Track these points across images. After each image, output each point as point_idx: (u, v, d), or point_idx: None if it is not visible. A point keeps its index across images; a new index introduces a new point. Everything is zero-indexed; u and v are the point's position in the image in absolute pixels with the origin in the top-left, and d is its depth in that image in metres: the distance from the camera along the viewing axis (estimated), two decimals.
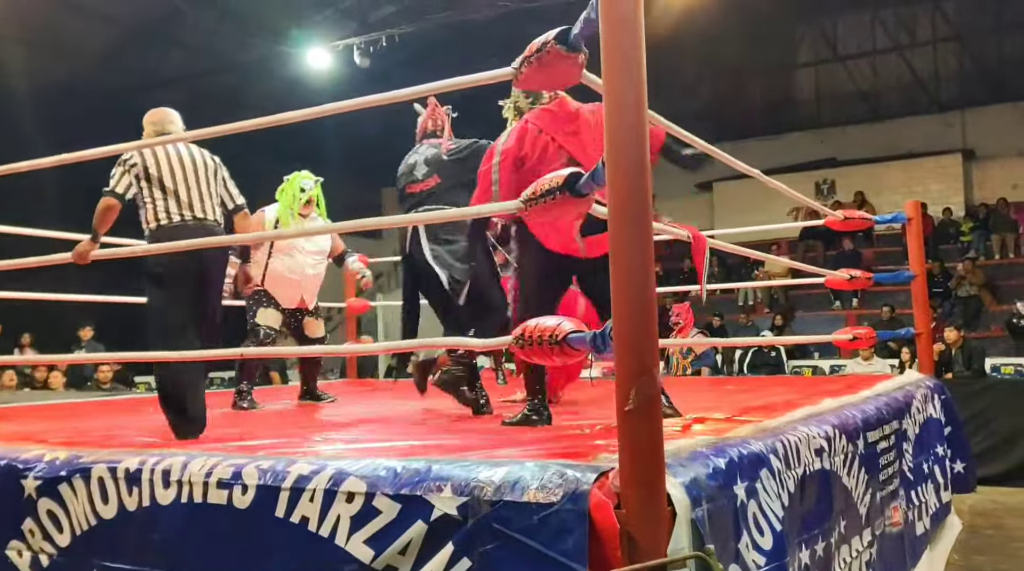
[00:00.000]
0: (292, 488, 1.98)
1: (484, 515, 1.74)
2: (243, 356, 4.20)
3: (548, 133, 3.04)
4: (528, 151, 3.05)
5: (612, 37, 1.73)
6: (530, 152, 3.04)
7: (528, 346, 2.09)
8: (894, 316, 10.96)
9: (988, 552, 4.80)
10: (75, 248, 3.15)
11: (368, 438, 2.81)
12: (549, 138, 3.04)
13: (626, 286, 1.68)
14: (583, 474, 1.71)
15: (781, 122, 16.83)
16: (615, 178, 1.72)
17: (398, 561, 1.82)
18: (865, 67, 16.41)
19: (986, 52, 15.61)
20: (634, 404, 1.63)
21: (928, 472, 4.35)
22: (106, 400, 5.68)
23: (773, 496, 2.17)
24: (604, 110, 1.74)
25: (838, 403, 3.35)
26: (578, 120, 3.09)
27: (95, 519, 2.27)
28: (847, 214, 5.33)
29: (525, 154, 3.05)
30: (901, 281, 5.53)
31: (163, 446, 2.48)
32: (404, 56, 13.08)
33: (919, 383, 4.74)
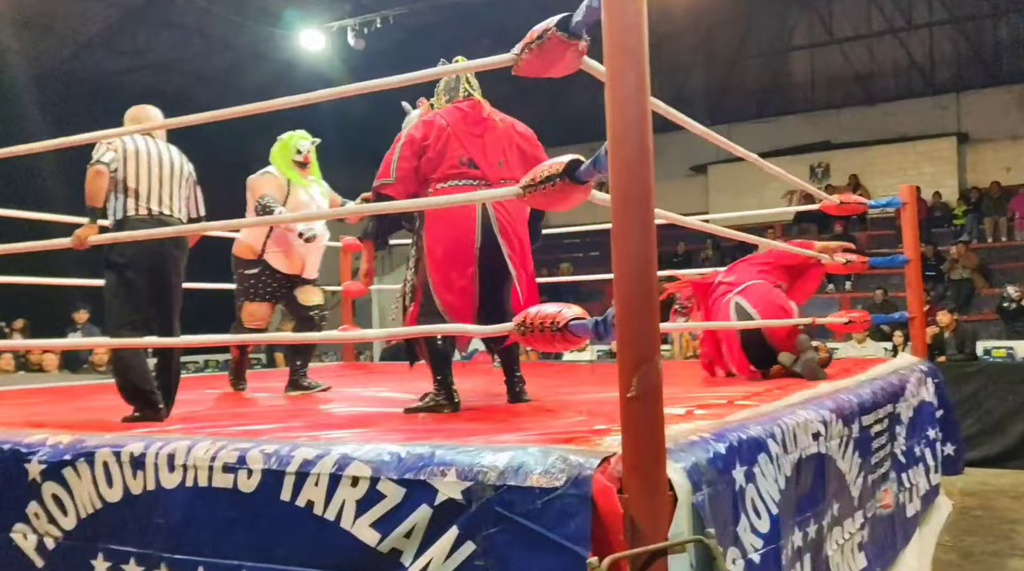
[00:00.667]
0: (297, 472, 2.00)
1: (488, 499, 1.77)
2: (230, 343, 4.19)
3: (452, 129, 3.24)
4: (432, 141, 3.23)
5: (614, 24, 1.74)
6: (433, 142, 3.23)
7: (529, 333, 2.10)
8: (887, 299, 11.02)
9: (978, 533, 4.87)
10: (75, 233, 3.14)
11: (371, 423, 2.83)
12: (451, 133, 3.23)
13: (628, 273, 1.70)
14: (586, 459, 1.73)
15: (776, 105, 16.81)
16: (617, 164, 1.73)
17: (403, 544, 1.85)
18: (861, 50, 16.39)
19: (982, 35, 15.61)
20: (636, 391, 1.66)
21: (920, 455, 4.40)
22: (102, 383, 5.67)
23: (771, 480, 2.21)
24: (606, 96, 1.75)
25: (834, 387, 3.39)
26: (484, 123, 3.31)
27: (100, 503, 2.29)
28: (843, 198, 5.35)
29: (428, 144, 3.23)
30: (896, 265, 5.56)
31: (166, 431, 2.49)
32: (399, 38, 13.03)
33: (913, 367, 4.78)
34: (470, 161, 3.21)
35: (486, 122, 3.31)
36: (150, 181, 3.27)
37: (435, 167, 3.22)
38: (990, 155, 15.09)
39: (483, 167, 3.21)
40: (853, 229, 14.33)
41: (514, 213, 3.25)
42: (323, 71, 12.61)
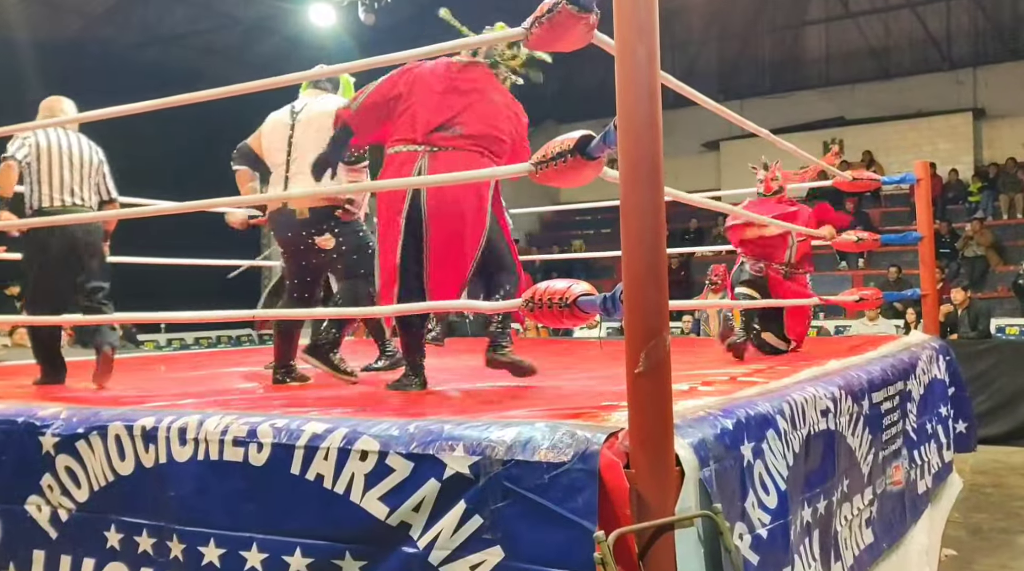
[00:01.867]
0: (307, 446, 2.01)
1: (496, 474, 1.77)
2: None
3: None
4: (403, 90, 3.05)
5: (625, 3, 1.72)
6: (404, 92, 3.04)
7: (538, 309, 2.11)
8: (900, 276, 10.96)
9: (988, 510, 4.88)
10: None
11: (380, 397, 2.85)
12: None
13: (637, 248, 1.69)
14: (593, 434, 1.74)
15: (790, 80, 16.67)
16: (626, 139, 1.72)
17: (412, 518, 1.86)
18: (876, 24, 16.19)
19: (1000, 9, 15.37)
20: (644, 367, 1.65)
21: (931, 432, 4.39)
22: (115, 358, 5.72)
23: (779, 456, 2.21)
24: (616, 71, 1.73)
25: (844, 364, 3.38)
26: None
27: (112, 475, 2.31)
28: (855, 175, 5.31)
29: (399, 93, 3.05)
30: (908, 242, 5.52)
31: (177, 405, 2.51)
32: (409, 12, 12.92)
33: (925, 344, 4.76)
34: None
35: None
36: (62, 174, 3.61)
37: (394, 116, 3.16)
38: (1007, 131, 14.92)
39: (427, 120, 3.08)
40: (867, 206, 14.25)
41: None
42: (333, 46, 12.55)
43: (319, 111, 3.50)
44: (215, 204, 3.13)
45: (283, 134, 3.57)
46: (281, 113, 3.68)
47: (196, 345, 11.42)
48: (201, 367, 4.60)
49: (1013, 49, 15.14)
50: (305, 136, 3.48)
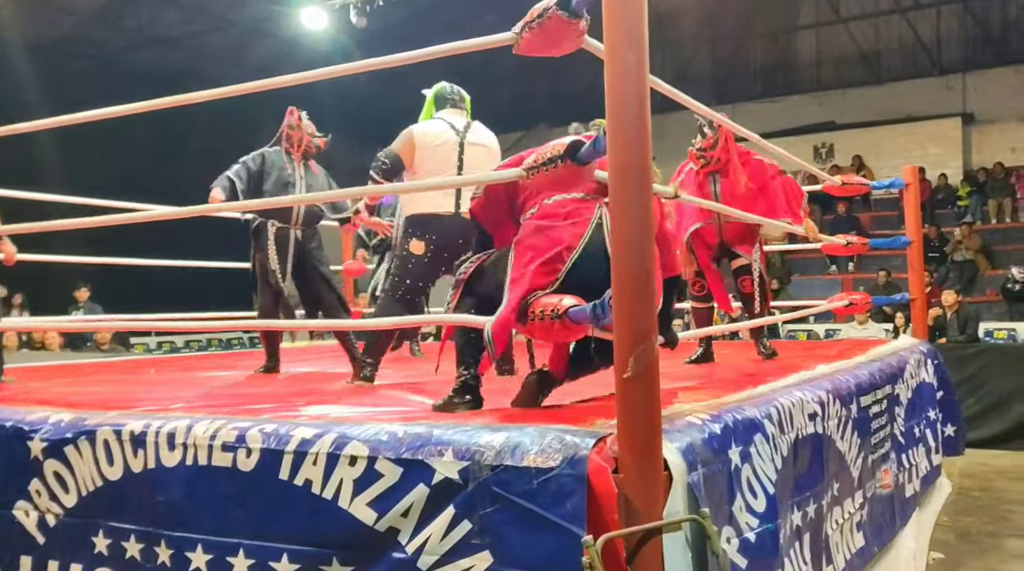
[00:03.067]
0: (295, 452, 2.01)
1: (484, 479, 1.78)
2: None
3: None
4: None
5: (614, 2, 1.73)
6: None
7: (530, 322, 2.11)
8: (890, 280, 11.01)
9: (976, 513, 4.90)
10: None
11: (368, 402, 2.85)
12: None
13: (626, 254, 1.70)
14: (582, 439, 1.74)
15: (781, 85, 16.71)
16: (616, 144, 1.73)
17: (400, 523, 1.86)
18: (867, 29, 16.25)
19: (989, 15, 15.46)
20: (632, 372, 1.66)
21: (920, 435, 4.41)
22: (105, 361, 5.71)
23: (767, 460, 2.21)
24: (606, 76, 1.74)
25: (832, 368, 3.39)
26: None
27: (101, 480, 2.30)
28: (845, 180, 5.34)
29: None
30: (897, 246, 5.56)
31: (166, 409, 2.50)
32: (402, 15, 12.94)
33: (913, 348, 4.78)
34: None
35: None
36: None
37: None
38: (996, 136, 15.00)
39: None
40: (857, 210, 14.29)
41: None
42: (326, 49, 12.56)
43: (486, 139, 3.75)
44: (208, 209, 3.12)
45: (451, 153, 3.65)
46: (442, 129, 3.69)
47: (186, 348, 11.38)
48: (191, 370, 4.59)
49: (1002, 55, 15.23)
50: (476, 161, 3.64)
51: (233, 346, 11.86)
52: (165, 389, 3.42)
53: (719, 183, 4.22)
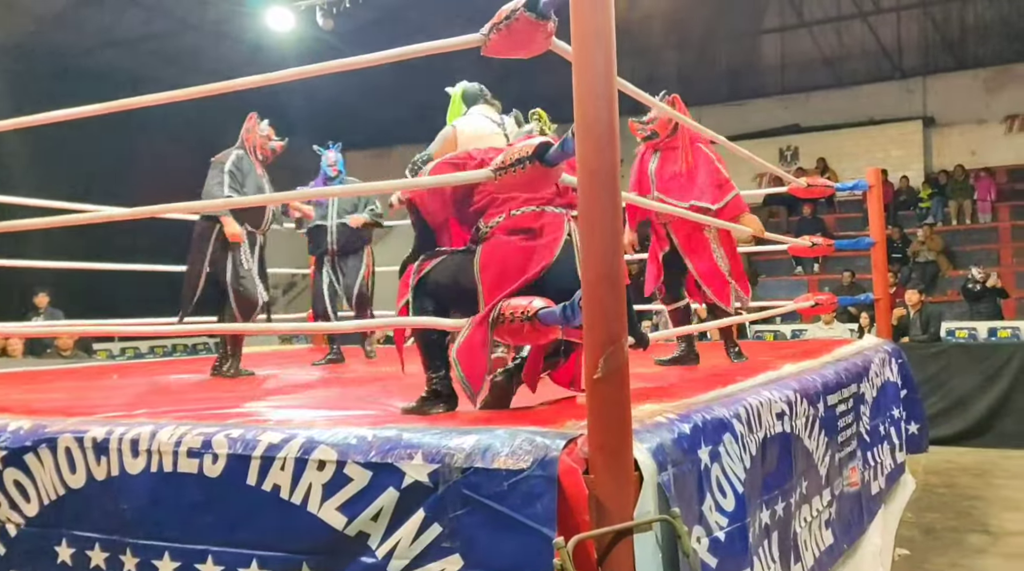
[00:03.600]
0: (263, 456, 1.98)
1: (455, 482, 1.77)
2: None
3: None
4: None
5: (582, 5, 1.73)
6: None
7: (499, 325, 2.11)
8: (854, 281, 11.17)
9: (940, 510, 4.97)
10: None
11: (337, 406, 2.82)
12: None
13: (596, 255, 1.70)
14: (552, 441, 1.74)
15: (746, 88, 16.90)
16: (584, 147, 1.73)
17: (370, 527, 1.84)
18: (830, 34, 16.50)
19: (949, 20, 15.77)
20: (603, 372, 1.66)
21: (884, 433, 4.48)
22: (67, 368, 5.61)
23: (735, 459, 2.23)
24: (574, 78, 1.74)
25: (799, 368, 3.43)
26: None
27: (63, 488, 2.26)
28: (810, 181, 5.41)
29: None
30: (862, 247, 5.64)
31: (130, 416, 2.46)
32: (369, 17, 12.87)
33: (878, 347, 4.86)
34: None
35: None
36: None
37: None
38: (956, 139, 15.29)
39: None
40: (821, 211, 14.48)
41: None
42: (292, 52, 12.44)
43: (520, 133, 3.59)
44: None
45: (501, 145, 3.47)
46: (484, 123, 3.40)
47: (151, 354, 11.20)
48: (155, 375, 4.51)
49: (961, 59, 15.55)
50: None
51: (199, 351, 11.71)
52: (128, 395, 3.37)
53: (656, 162, 4.02)
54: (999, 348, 7.77)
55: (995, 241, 13.40)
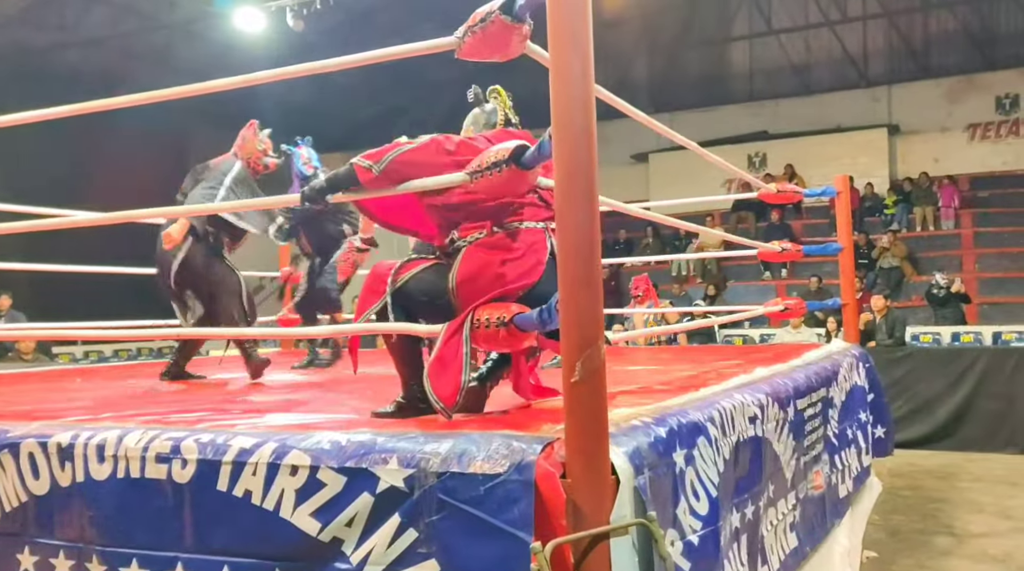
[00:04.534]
0: (234, 462, 1.95)
1: (430, 487, 1.75)
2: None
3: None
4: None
5: (559, 9, 1.73)
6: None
7: (475, 329, 2.10)
8: (821, 286, 11.32)
9: (906, 512, 5.04)
10: None
11: (310, 410, 2.79)
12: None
13: (573, 258, 1.69)
14: (528, 445, 1.73)
15: (716, 95, 17.07)
16: (562, 149, 1.73)
17: (344, 533, 1.82)
18: (798, 42, 16.73)
19: (913, 29, 16.07)
20: (580, 376, 1.66)
21: (852, 437, 4.53)
22: (29, 371, 5.50)
23: (710, 463, 2.24)
24: (551, 82, 1.74)
25: (770, 372, 3.45)
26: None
27: (26, 495, 2.21)
28: (779, 187, 5.46)
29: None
30: (829, 253, 5.70)
31: (95, 420, 2.41)
32: (339, 19, 12.80)
33: (845, 352, 4.91)
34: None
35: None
36: None
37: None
38: (920, 146, 15.58)
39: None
40: (789, 217, 14.67)
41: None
42: (262, 53, 12.33)
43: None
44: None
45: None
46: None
47: (115, 357, 11.03)
48: (120, 379, 4.44)
49: (925, 68, 15.85)
50: None
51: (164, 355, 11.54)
52: (93, 399, 3.30)
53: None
54: (963, 353, 7.92)
55: (958, 247, 13.66)
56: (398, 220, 2.60)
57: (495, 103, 2.61)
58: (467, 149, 2.31)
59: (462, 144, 2.35)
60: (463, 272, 2.27)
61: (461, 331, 2.16)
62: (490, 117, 2.61)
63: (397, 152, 2.30)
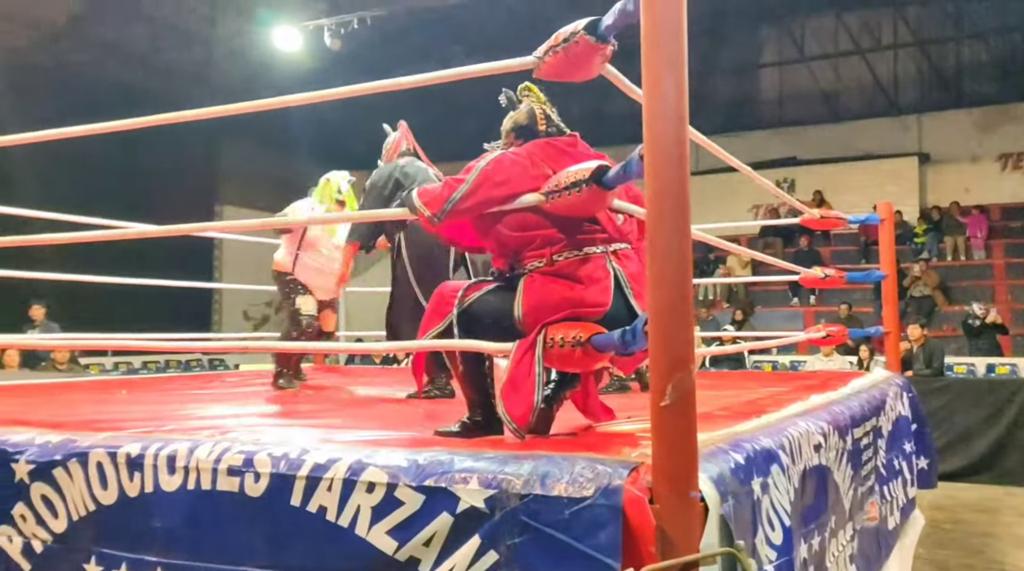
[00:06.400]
0: (308, 477, 1.94)
1: (512, 508, 1.73)
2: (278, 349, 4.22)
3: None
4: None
5: (654, 28, 1.72)
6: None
7: (548, 349, 2.07)
8: (851, 314, 11.21)
9: (951, 546, 4.95)
10: None
11: (372, 427, 2.77)
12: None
13: (663, 279, 1.68)
14: (614, 469, 1.70)
15: (744, 120, 17.07)
16: (653, 170, 1.71)
17: (422, 552, 1.80)
18: (827, 69, 16.71)
19: (944, 59, 16.01)
20: (670, 399, 1.63)
21: (898, 468, 4.45)
22: (70, 381, 5.52)
23: (783, 491, 2.20)
24: (644, 103, 1.73)
25: (826, 399, 3.40)
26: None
27: (93, 504, 2.20)
28: (823, 213, 5.42)
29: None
30: (872, 280, 5.65)
31: (163, 431, 2.41)
32: (373, 39, 12.94)
33: (890, 381, 4.84)
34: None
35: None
36: None
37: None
38: (950, 176, 15.48)
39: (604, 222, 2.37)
40: (818, 244, 14.58)
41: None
42: (298, 70, 12.47)
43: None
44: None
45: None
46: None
47: (144, 369, 11.09)
48: (164, 391, 4.45)
49: (956, 98, 15.77)
50: None
51: (192, 368, 11.60)
52: (148, 410, 3.31)
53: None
54: (1003, 384, 7.80)
55: (990, 277, 13.52)
56: (462, 237, 2.59)
57: (529, 102, 2.54)
58: (519, 175, 2.27)
59: (512, 167, 2.30)
60: (528, 301, 2.23)
61: (532, 351, 2.14)
62: (528, 118, 2.52)
63: (453, 201, 2.27)
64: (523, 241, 2.29)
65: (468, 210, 2.28)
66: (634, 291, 2.24)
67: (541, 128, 2.45)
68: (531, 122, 2.47)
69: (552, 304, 2.20)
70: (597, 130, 13.06)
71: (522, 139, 2.44)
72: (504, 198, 2.25)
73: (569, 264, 2.23)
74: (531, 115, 2.48)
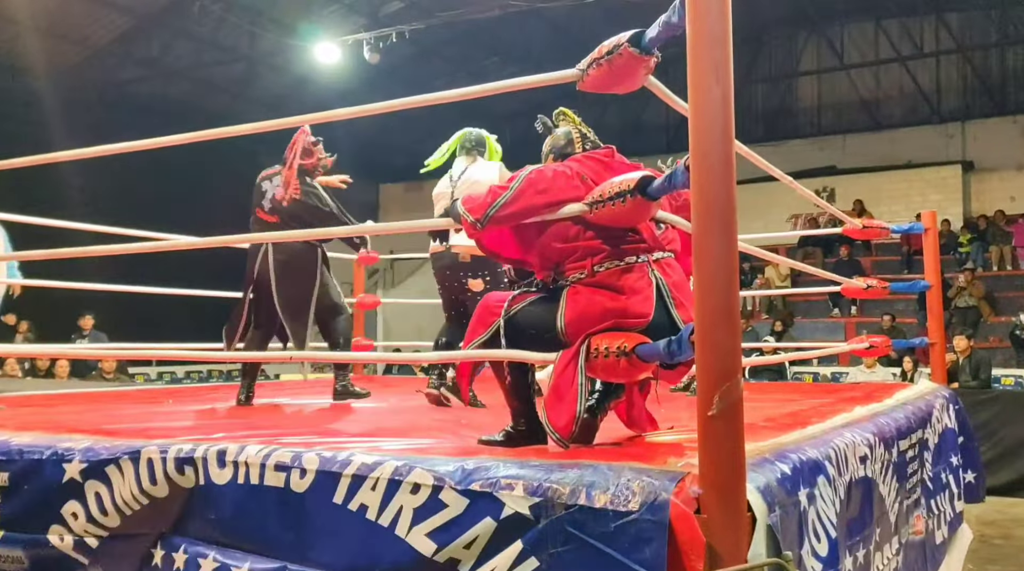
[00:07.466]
0: (354, 475, 1.97)
1: (557, 517, 1.73)
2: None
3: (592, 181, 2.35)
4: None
5: (702, 38, 1.73)
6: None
7: (593, 359, 2.08)
8: (894, 325, 11.03)
9: (1001, 562, 4.84)
10: None
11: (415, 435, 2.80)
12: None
13: (711, 289, 1.68)
14: (660, 481, 1.69)
15: (783, 129, 16.93)
16: (700, 180, 1.72)
17: (462, 554, 1.81)
18: (868, 76, 16.51)
19: (988, 66, 15.75)
20: (718, 409, 1.63)
21: (945, 482, 4.37)
22: (118, 391, 5.64)
23: (828, 503, 2.18)
24: (691, 112, 1.73)
25: (870, 411, 3.36)
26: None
27: (145, 499, 2.25)
28: (866, 223, 5.37)
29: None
30: (917, 290, 5.56)
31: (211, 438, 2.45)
32: (411, 52, 13.08)
33: (936, 393, 4.76)
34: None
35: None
36: None
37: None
38: (995, 184, 15.18)
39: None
40: (858, 254, 14.37)
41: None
42: (336, 83, 12.64)
43: (477, 175, 4.09)
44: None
45: (447, 202, 4.06)
46: (443, 183, 4.29)
47: (187, 379, 11.27)
48: (209, 401, 4.52)
49: (1000, 105, 15.48)
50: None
51: (234, 378, 11.76)
52: (198, 418, 3.37)
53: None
54: None
55: None
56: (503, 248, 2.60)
57: (565, 126, 2.61)
58: (562, 185, 2.30)
59: (555, 177, 2.33)
60: (571, 312, 2.25)
61: (576, 360, 2.15)
62: (565, 139, 2.58)
63: (496, 207, 2.30)
64: (565, 252, 2.31)
65: (510, 217, 2.31)
66: (675, 301, 2.24)
67: (578, 150, 2.52)
68: (568, 144, 2.54)
69: (595, 315, 2.21)
70: (633, 141, 13.00)
71: (561, 161, 2.48)
72: (546, 206, 2.28)
73: (611, 274, 2.25)
74: (568, 138, 2.56)
